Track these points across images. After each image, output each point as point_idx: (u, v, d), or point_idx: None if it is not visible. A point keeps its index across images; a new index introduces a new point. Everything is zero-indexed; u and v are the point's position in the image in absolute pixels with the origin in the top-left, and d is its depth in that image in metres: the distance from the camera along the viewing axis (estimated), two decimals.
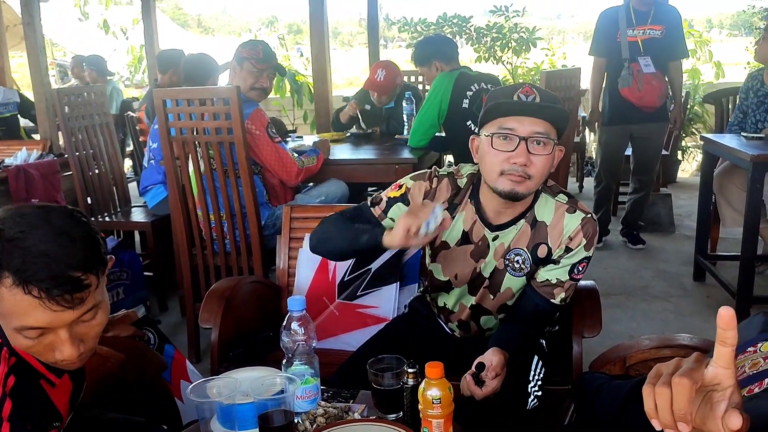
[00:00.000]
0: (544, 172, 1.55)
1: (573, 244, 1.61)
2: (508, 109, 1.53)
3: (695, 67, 6.44)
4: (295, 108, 6.62)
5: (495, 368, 1.50)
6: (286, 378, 1.33)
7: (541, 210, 1.64)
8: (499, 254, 1.68)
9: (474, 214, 1.68)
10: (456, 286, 1.77)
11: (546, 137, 1.51)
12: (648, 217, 4.58)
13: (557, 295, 1.66)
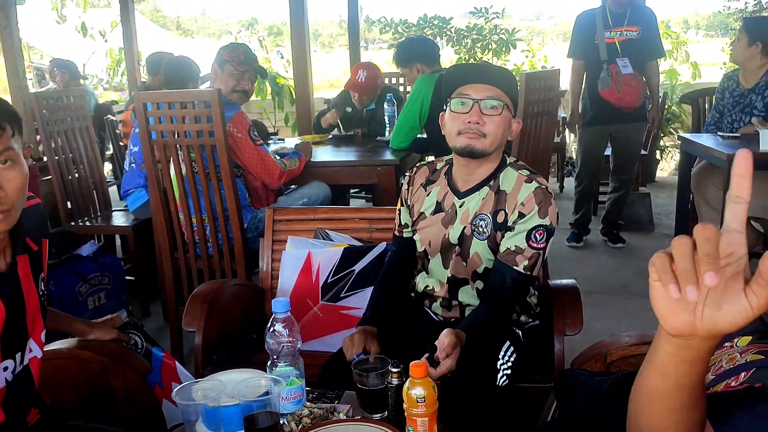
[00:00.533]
0: (498, 133, 1.72)
1: (525, 209, 1.72)
2: (464, 77, 1.75)
3: (672, 68, 6.53)
4: (277, 110, 6.61)
5: (445, 349, 1.56)
6: (271, 379, 1.34)
7: (504, 180, 1.79)
8: (465, 219, 1.82)
9: (446, 186, 1.87)
10: (431, 255, 1.89)
11: (497, 101, 1.70)
12: (628, 216, 4.63)
13: (520, 263, 1.73)
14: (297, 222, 2.48)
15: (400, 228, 2.00)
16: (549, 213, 1.72)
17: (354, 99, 4.08)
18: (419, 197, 1.92)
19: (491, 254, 1.79)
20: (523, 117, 2.98)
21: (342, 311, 2.32)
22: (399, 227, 2.00)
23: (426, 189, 1.91)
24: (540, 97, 3.07)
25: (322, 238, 2.44)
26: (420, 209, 1.91)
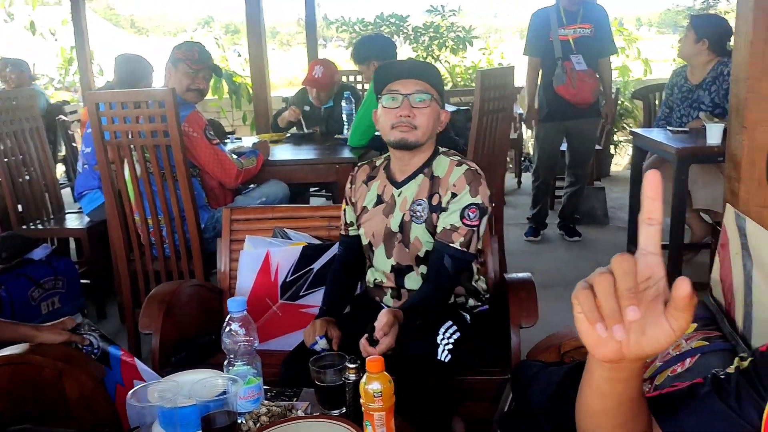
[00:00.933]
0: (429, 124, 1.82)
1: (457, 189, 1.83)
2: (392, 74, 1.85)
3: (625, 65, 6.67)
4: (234, 109, 6.54)
5: (382, 328, 1.62)
6: (229, 379, 1.33)
7: (437, 166, 1.89)
8: (403, 207, 1.91)
9: (385, 179, 1.96)
10: (375, 246, 1.97)
11: (425, 94, 1.81)
12: (583, 210, 4.72)
13: (456, 240, 1.82)
14: (255, 221, 2.47)
15: (346, 227, 2.07)
16: (480, 192, 1.83)
17: (312, 96, 4.07)
18: (361, 194, 2.00)
19: (430, 236, 1.87)
20: (479, 114, 3.02)
21: (301, 310, 2.32)
22: (345, 226, 2.07)
23: (367, 185, 2.00)
24: (495, 95, 3.11)
25: (281, 237, 2.43)
26: (362, 204, 1.99)
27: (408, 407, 1.48)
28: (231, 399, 1.29)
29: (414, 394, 1.60)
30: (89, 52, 5.22)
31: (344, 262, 2.08)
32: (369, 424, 1.26)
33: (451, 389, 1.74)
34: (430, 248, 1.87)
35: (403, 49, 6.69)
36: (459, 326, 1.83)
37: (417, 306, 1.79)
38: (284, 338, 2.27)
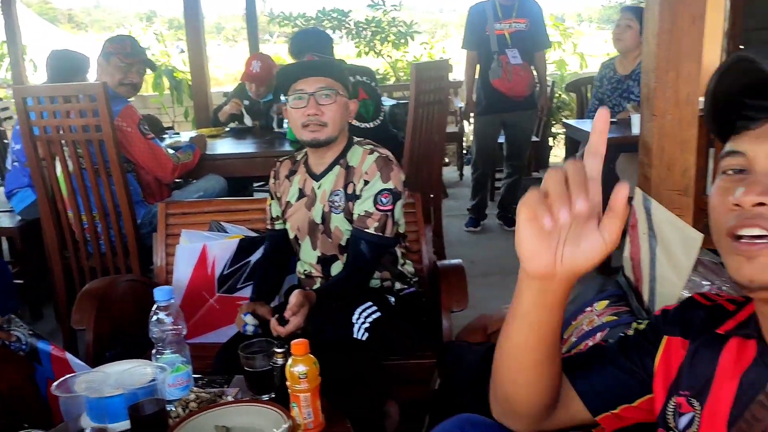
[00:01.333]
0: (337, 118, 1.87)
1: (369, 176, 1.89)
2: (295, 74, 1.88)
3: (562, 59, 6.85)
4: (176, 105, 6.45)
5: (291, 308, 1.69)
6: (157, 367, 1.35)
7: (351, 156, 1.95)
8: (323, 198, 1.96)
9: (305, 173, 2.01)
10: (301, 239, 2.03)
11: (330, 90, 1.85)
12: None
13: (371, 225, 1.88)
14: (191, 215, 2.47)
15: (272, 221, 2.11)
16: (392, 177, 1.88)
17: (251, 91, 4.06)
18: (285, 188, 2.05)
19: (349, 225, 1.93)
20: (415, 106, 3.08)
21: (239, 302, 2.32)
22: (271, 221, 2.12)
23: (290, 180, 2.05)
24: (431, 87, 3.17)
25: (217, 230, 2.44)
26: (286, 199, 2.05)
27: (337, 392, 1.52)
28: (159, 387, 1.31)
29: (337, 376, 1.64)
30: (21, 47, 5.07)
31: (270, 257, 2.13)
32: (295, 405, 1.30)
33: (374, 369, 1.78)
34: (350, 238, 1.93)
35: (347, 44, 6.72)
36: (380, 307, 1.88)
37: (332, 289, 1.86)
38: (222, 330, 2.28)
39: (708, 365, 0.89)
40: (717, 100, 0.82)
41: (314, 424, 1.31)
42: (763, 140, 0.77)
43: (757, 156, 0.78)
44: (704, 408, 0.88)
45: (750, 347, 0.85)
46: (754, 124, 0.79)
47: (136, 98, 6.83)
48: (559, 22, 7.04)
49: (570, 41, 6.84)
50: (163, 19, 14.26)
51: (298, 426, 1.30)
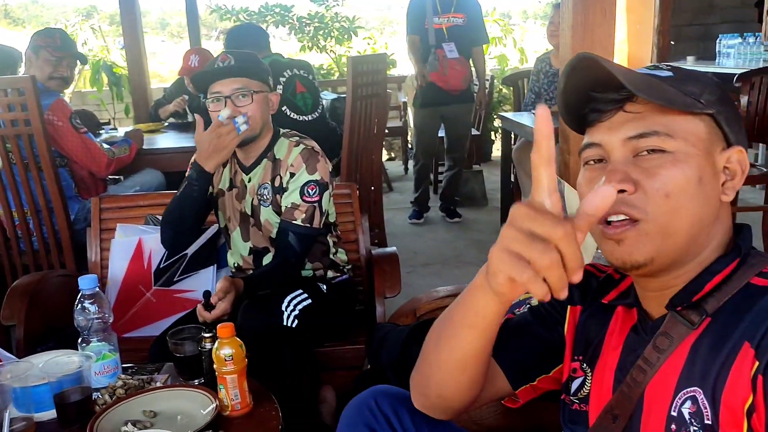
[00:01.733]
0: (258, 115, 1.87)
1: (295, 169, 1.91)
2: (211, 77, 1.87)
3: (503, 54, 6.99)
4: (116, 101, 6.33)
5: (217, 293, 1.72)
6: (83, 355, 1.36)
7: (278, 149, 1.97)
8: (252, 191, 1.98)
9: (235, 165, 2.02)
10: (231, 230, 2.03)
11: (245, 90, 1.85)
12: (463, 192, 4.94)
13: (298, 217, 1.90)
14: (126, 209, 2.46)
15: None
16: (318, 169, 1.91)
17: (189, 86, 4.02)
18: (217, 174, 2.03)
19: (278, 218, 1.95)
20: (352, 99, 3.11)
21: (176, 295, 2.34)
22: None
23: (222, 166, 2.03)
24: (368, 80, 3.21)
25: (153, 224, 2.43)
26: (219, 186, 2.04)
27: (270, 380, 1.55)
28: (85, 374, 1.32)
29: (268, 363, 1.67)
30: None
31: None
32: (222, 387, 1.33)
33: (305, 356, 1.82)
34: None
35: (290, 40, 6.71)
36: (311, 295, 1.91)
37: (260, 277, 1.88)
38: (159, 324, 2.27)
39: (598, 332, 0.96)
40: (568, 96, 0.86)
41: (241, 405, 1.34)
42: (614, 131, 0.83)
43: (612, 146, 0.83)
44: (594, 373, 0.94)
45: (632, 315, 0.92)
46: (604, 116, 0.84)
47: (74, 94, 6.72)
48: (500, 18, 7.18)
49: (511, 37, 6.98)
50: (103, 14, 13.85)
51: (225, 407, 1.33)
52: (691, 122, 0.81)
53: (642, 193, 0.79)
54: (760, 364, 0.72)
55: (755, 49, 5.22)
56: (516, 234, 0.66)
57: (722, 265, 0.82)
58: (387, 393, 1.04)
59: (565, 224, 0.65)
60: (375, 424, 1.00)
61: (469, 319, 0.83)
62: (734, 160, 0.84)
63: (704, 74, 0.88)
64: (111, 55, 7.02)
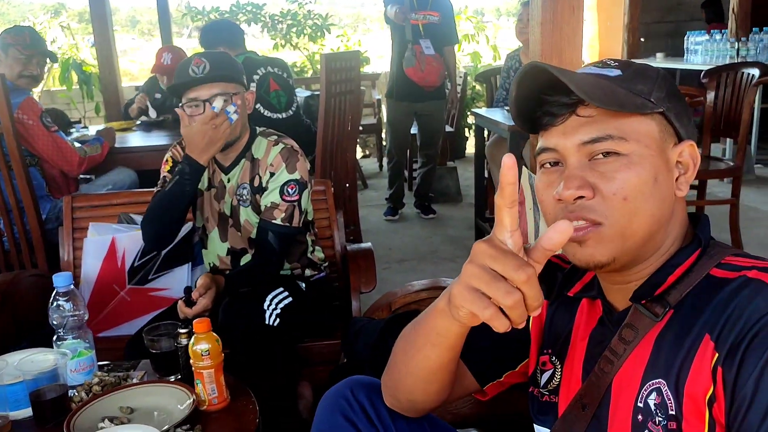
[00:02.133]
0: (238, 117, 1.83)
1: (275, 168, 1.90)
2: (186, 83, 1.81)
3: (476, 51, 7.04)
4: (86, 100, 6.25)
5: (198, 289, 1.73)
6: (58, 353, 1.35)
7: (256, 149, 1.95)
8: (232, 192, 1.96)
9: (214, 164, 1.98)
10: (209, 230, 2.01)
11: (224, 93, 1.81)
12: (438, 189, 4.97)
13: (278, 216, 1.89)
14: (99, 208, 2.44)
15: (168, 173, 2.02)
16: (297, 168, 1.90)
17: (162, 83, 4.00)
18: None
19: (257, 217, 1.94)
20: (326, 96, 3.12)
21: (151, 293, 2.33)
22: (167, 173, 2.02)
23: None
24: (341, 77, 3.22)
25: (127, 222, 2.42)
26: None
27: (251, 377, 1.57)
28: (60, 372, 1.32)
29: (249, 361, 1.68)
30: None
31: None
32: (199, 382, 1.33)
33: (286, 353, 1.83)
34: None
35: (263, 38, 6.68)
36: (292, 293, 1.92)
37: (241, 275, 1.87)
38: (134, 322, 2.27)
39: (565, 325, 0.97)
40: (520, 102, 0.86)
41: (219, 400, 1.35)
42: (568, 135, 0.82)
43: (567, 151, 0.82)
44: (564, 365, 0.96)
45: (597, 306, 0.94)
46: (557, 120, 0.84)
47: (43, 93, 6.62)
48: (472, 16, 7.23)
49: (483, 34, 7.03)
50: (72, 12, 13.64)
51: (203, 402, 1.34)
52: (643, 123, 0.82)
53: (600, 198, 0.80)
54: (719, 356, 0.74)
55: (722, 46, 5.34)
56: (478, 272, 0.70)
57: (683, 257, 0.84)
58: (363, 383, 1.06)
59: (527, 268, 0.68)
60: (351, 414, 1.02)
61: (432, 338, 0.87)
62: (686, 155, 0.85)
63: (652, 68, 0.87)
64: (81, 53, 6.94)
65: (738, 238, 3.45)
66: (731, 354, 0.73)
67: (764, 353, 0.70)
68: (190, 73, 1.79)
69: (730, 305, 0.76)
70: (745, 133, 3.42)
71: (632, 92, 0.82)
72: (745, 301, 0.75)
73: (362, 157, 6.88)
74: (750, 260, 0.81)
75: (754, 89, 3.43)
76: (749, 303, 0.74)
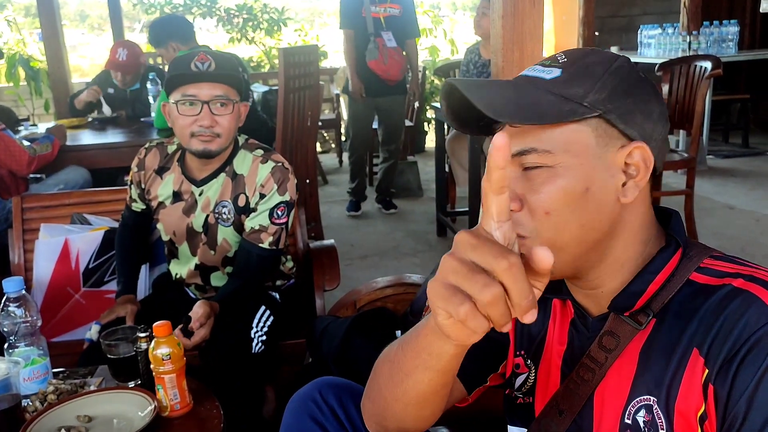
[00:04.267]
0: (231, 128, 1.73)
1: (265, 190, 1.78)
2: (187, 77, 1.68)
3: (434, 45, 7.04)
4: (35, 97, 6.04)
5: (199, 319, 1.61)
6: (10, 362, 1.29)
7: (239, 164, 1.81)
8: (206, 207, 1.83)
9: (180, 175, 1.85)
10: (178, 244, 1.89)
11: (226, 98, 1.70)
12: (399, 183, 4.96)
13: (265, 240, 1.78)
14: (51, 209, 2.35)
15: (131, 200, 2.00)
16: (288, 189, 1.79)
17: (116, 79, 3.88)
18: (155, 184, 1.90)
19: (239, 236, 1.83)
20: (285, 91, 3.08)
21: (106, 296, 2.26)
22: (130, 200, 2.01)
23: (161, 177, 1.89)
24: (300, 72, 3.18)
25: (80, 222, 2.34)
26: (158, 198, 1.90)
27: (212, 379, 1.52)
28: (13, 381, 1.26)
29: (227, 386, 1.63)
30: None
31: (130, 227, 2.04)
32: (161, 388, 1.29)
33: (262, 374, 1.78)
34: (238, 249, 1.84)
35: (217, 31, 6.56)
36: (271, 310, 1.85)
37: (225, 299, 1.74)
38: (90, 326, 2.20)
39: (539, 326, 0.94)
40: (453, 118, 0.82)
41: (181, 405, 1.31)
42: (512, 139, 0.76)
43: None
44: (539, 368, 0.93)
45: (569, 308, 0.90)
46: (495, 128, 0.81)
47: None
48: (429, 10, 7.23)
49: (441, 28, 7.04)
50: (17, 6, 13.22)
51: (165, 408, 1.29)
52: (574, 131, 0.76)
53: (527, 211, 0.77)
54: (710, 372, 0.72)
55: (674, 39, 5.45)
56: (457, 265, 0.61)
57: (661, 262, 0.80)
58: (331, 384, 1.04)
59: (510, 255, 0.59)
60: (320, 416, 0.99)
61: (423, 360, 0.77)
62: (637, 157, 0.78)
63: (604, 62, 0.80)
64: (28, 49, 6.70)
65: (693, 228, 3.54)
66: (723, 371, 0.71)
67: (757, 371, 0.68)
68: (193, 68, 1.67)
69: (719, 318, 0.73)
70: (698, 124, 3.50)
71: (563, 97, 0.76)
72: (735, 316, 0.72)
73: (321, 152, 6.83)
74: (731, 265, 0.78)
75: (706, 82, 3.51)
76: (740, 318, 0.71)
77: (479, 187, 2.85)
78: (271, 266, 1.86)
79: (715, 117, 5.65)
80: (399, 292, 1.87)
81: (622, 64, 0.80)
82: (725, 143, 6.32)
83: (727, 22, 5.48)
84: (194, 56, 1.68)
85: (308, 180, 3.50)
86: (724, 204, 4.44)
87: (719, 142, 6.32)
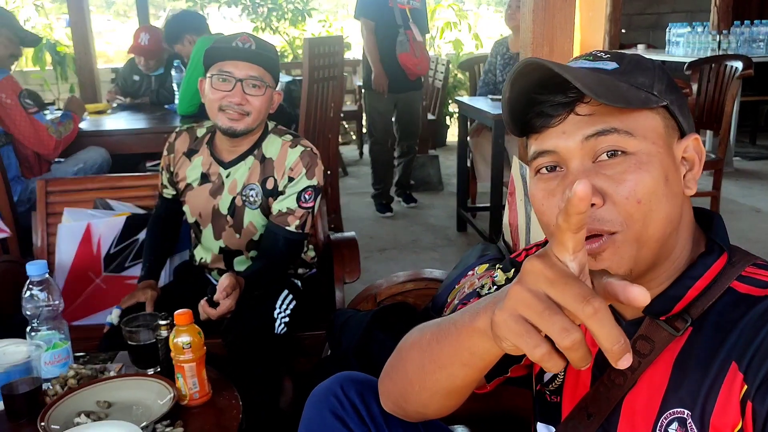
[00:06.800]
0: (262, 110, 1.75)
1: (294, 173, 1.79)
2: (226, 53, 1.71)
3: (458, 39, 6.99)
4: (60, 81, 6.10)
5: (225, 289, 1.60)
6: (32, 345, 1.30)
7: (267, 147, 1.83)
8: (233, 190, 1.84)
9: (209, 156, 1.87)
10: (203, 226, 1.91)
11: (260, 81, 1.72)
12: (419, 177, 4.93)
13: (292, 223, 1.80)
14: (74, 193, 2.36)
15: (162, 187, 2.03)
16: (316, 173, 1.81)
17: (140, 65, 3.90)
18: (183, 167, 1.92)
19: (265, 220, 1.84)
20: (309, 82, 3.06)
21: (127, 281, 2.27)
22: (161, 186, 2.03)
23: (190, 159, 1.91)
24: (324, 62, 3.17)
25: (103, 207, 2.35)
26: (186, 180, 1.92)
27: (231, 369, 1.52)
28: (34, 364, 1.26)
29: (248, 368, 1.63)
30: None
31: (161, 216, 2.06)
32: (180, 376, 1.29)
33: (283, 358, 1.78)
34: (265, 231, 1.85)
35: (240, 20, 6.56)
36: (295, 295, 1.85)
37: (250, 278, 1.74)
38: (110, 311, 2.21)
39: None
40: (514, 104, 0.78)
41: (200, 394, 1.30)
42: (569, 135, 0.75)
43: (569, 152, 0.75)
44: (568, 367, 0.87)
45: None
46: (554, 121, 0.76)
47: (15, 73, 6.45)
48: (454, 3, 7.17)
49: (465, 22, 6.99)
50: None
51: (184, 396, 1.29)
52: (649, 117, 0.75)
53: (611, 204, 0.72)
54: (749, 389, 0.69)
55: (703, 38, 5.36)
56: (530, 299, 0.58)
57: (702, 268, 0.77)
58: (353, 379, 1.02)
59: (594, 300, 0.54)
60: (341, 411, 0.98)
61: (464, 357, 0.75)
62: (691, 149, 0.78)
63: (647, 59, 0.80)
64: (54, 33, 6.76)
65: None
66: (763, 388, 0.67)
67: None
68: (234, 46, 1.71)
69: (760, 332, 0.70)
70: (727, 126, 3.44)
71: (634, 86, 0.75)
72: None
73: (342, 144, 6.82)
74: None
75: (737, 82, 3.45)
76: None
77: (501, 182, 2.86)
78: (297, 250, 1.87)
79: (742, 118, 5.56)
80: (420, 287, 1.85)
81: (659, 62, 0.81)
82: (752, 145, 6.22)
83: (758, 22, 5.37)
84: (237, 36, 1.73)
85: (329, 171, 3.49)
86: (751, 207, 4.36)
87: (746, 144, 6.22)
